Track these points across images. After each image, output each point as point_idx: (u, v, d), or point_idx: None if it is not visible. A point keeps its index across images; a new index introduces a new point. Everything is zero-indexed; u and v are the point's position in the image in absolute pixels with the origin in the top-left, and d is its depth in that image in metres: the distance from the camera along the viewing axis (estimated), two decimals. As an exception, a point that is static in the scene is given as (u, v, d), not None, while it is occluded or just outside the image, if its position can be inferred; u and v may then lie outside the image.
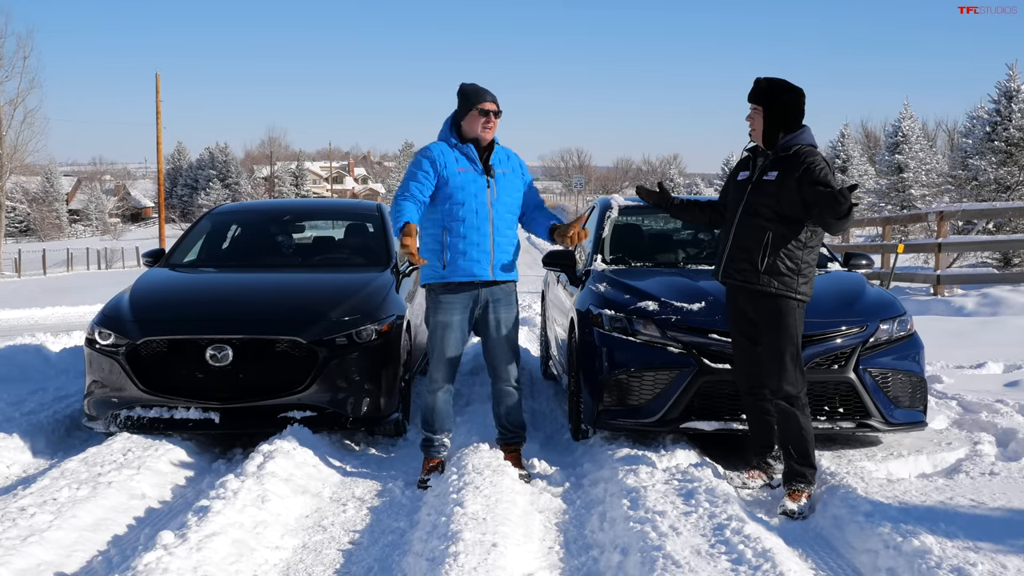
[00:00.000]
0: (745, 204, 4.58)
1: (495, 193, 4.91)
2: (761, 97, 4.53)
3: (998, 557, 3.60)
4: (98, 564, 3.83)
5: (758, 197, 4.52)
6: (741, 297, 4.62)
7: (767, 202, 4.47)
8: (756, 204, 4.52)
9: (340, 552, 4.04)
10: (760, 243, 4.48)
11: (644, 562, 3.55)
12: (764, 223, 4.48)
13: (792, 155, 4.46)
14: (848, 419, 5.08)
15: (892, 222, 18.43)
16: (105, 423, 5.56)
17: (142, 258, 7.59)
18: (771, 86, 4.53)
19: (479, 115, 4.90)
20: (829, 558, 3.86)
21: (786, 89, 4.53)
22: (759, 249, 4.48)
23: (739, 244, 4.57)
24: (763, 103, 4.52)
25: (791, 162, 4.44)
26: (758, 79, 4.58)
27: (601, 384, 5.19)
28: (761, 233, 4.48)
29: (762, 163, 4.58)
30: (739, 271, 4.56)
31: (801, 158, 4.43)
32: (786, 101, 4.51)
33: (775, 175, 4.47)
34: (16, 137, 43.49)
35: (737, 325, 4.71)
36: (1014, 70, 23.50)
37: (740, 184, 4.68)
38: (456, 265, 4.87)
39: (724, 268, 4.65)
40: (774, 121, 4.51)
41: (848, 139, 40.63)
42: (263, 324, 5.57)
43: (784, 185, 4.41)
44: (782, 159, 4.49)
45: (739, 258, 4.56)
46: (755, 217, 4.51)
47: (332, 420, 5.51)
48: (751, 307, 4.57)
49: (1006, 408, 6.08)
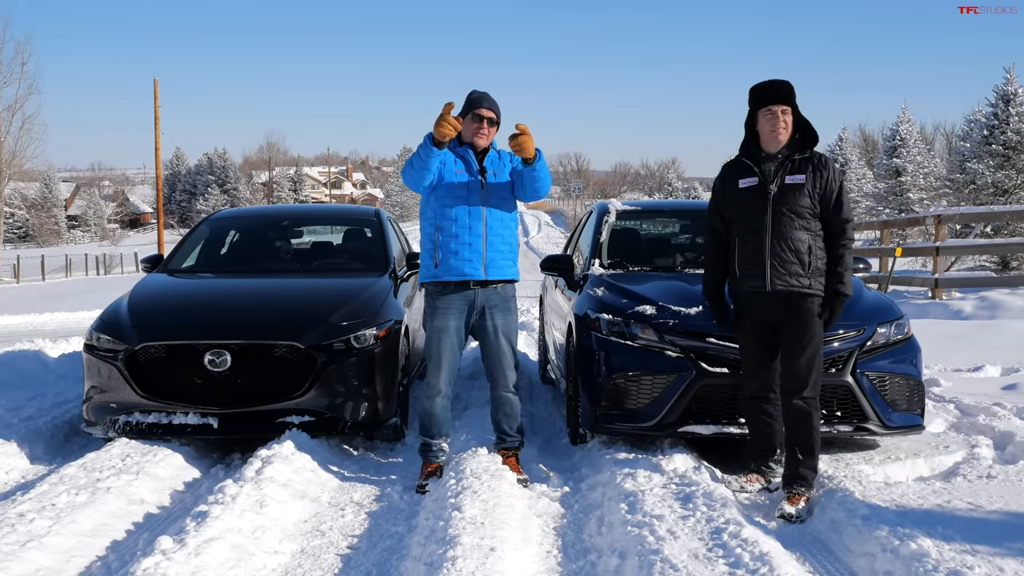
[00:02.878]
0: (774, 210, 4.54)
1: (488, 194, 4.95)
2: (792, 98, 4.58)
3: (995, 560, 3.61)
4: (97, 569, 3.83)
5: (790, 201, 4.52)
6: (771, 303, 4.57)
7: (803, 203, 4.52)
8: (791, 207, 4.52)
9: (338, 557, 4.04)
10: (806, 244, 4.52)
11: (642, 566, 3.56)
12: (804, 223, 4.53)
13: (810, 156, 4.57)
14: (846, 422, 5.08)
15: (890, 226, 18.45)
16: (104, 428, 5.56)
17: (141, 263, 7.60)
18: (790, 89, 4.59)
19: (472, 120, 4.95)
20: (827, 561, 3.86)
21: (793, 90, 4.61)
22: (806, 251, 4.52)
23: (785, 248, 4.52)
24: (794, 104, 4.58)
25: (816, 163, 4.55)
26: (777, 81, 4.60)
27: (599, 388, 5.20)
28: (804, 234, 4.52)
29: (776, 167, 4.57)
30: (792, 275, 4.53)
31: (822, 159, 4.56)
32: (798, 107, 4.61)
33: (802, 178, 4.52)
34: (15, 143, 43.48)
35: (752, 331, 4.68)
36: (1012, 73, 23.54)
37: (751, 192, 4.60)
38: (448, 264, 4.90)
39: (771, 277, 4.55)
40: (798, 122, 4.60)
41: (846, 143, 40.70)
42: (261, 329, 5.57)
43: (815, 186, 4.52)
44: (803, 161, 4.56)
45: (788, 261, 4.53)
46: (794, 219, 4.52)
47: (330, 425, 5.52)
48: (781, 310, 4.56)
49: (1004, 411, 6.09)
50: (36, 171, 66.10)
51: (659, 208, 8.23)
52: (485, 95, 4.99)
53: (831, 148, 39.92)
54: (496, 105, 5.00)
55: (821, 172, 4.54)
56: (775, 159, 4.59)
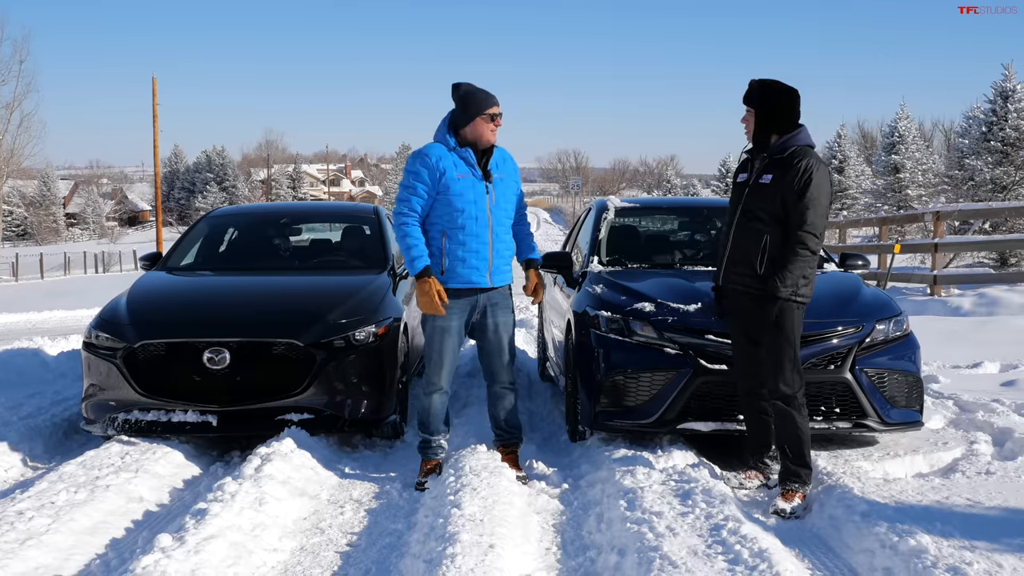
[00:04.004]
0: (743, 208, 4.58)
1: (494, 199, 4.88)
2: (753, 99, 4.55)
3: (994, 556, 3.61)
4: (96, 567, 3.83)
5: (754, 200, 4.53)
6: (743, 299, 4.61)
7: (763, 205, 4.48)
8: (753, 207, 4.53)
9: (338, 554, 4.04)
10: (758, 247, 4.48)
11: (641, 563, 3.56)
12: (761, 226, 4.48)
13: (787, 156, 4.47)
14: (845, 419, 5.08)
15: (889, 222, 18.45)
16: (103, 426, 5.56)
17: (139, 261, 7.59)
18: (763, 88, 4.54)
19: (488, 120, 4.84)
20: (826, 558, 3.86)
21: (779, 91, 4.53)
22: (757, 253, 4.48)
23: (738, 248, 4.58)
24: (755, 105, 4.54)
25: (786, 164, 4.45)
26: (752, 81, 4.59)
27: (598, 385, 5.20)
28: (759, 237, 4.48)
29: (758, 166, 4.58)
30: (739, 275, 4.57)
31: (795, 161, 4.43)
32: (778, 103, 4.51)
33: (770, 178, 4.47)
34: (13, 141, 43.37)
35: (739, 326, 4.70)
36: (1010, 70, 23.56)
37: (739, 187, 4.68)
38: (455, 272, 4.86)
39: (724, 273, 4.67)
40: (765, 123, 4.52)
41: (845, 139, 40.71)
42: (260, 327, 5.57)
43: (780, 188, 4.42)
44: (777, 161, 4.49)
45: (738, 261, 4.57)
46: (753, 220, 4.52)
47: (330, 422, 5.52)
48: (753, 309, 4.58)
49: (1002, 408, 6.09)
50: (34, 169, 66.09)
51: (658, 205, 8.24)
52: (487, 91, 4.90)
53: (829, 145, 39.93)
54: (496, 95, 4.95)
55: (785, 174, 4.41)
56: (762, 157, 4.59)
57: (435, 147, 4.88)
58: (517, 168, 5.15)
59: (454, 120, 4.92)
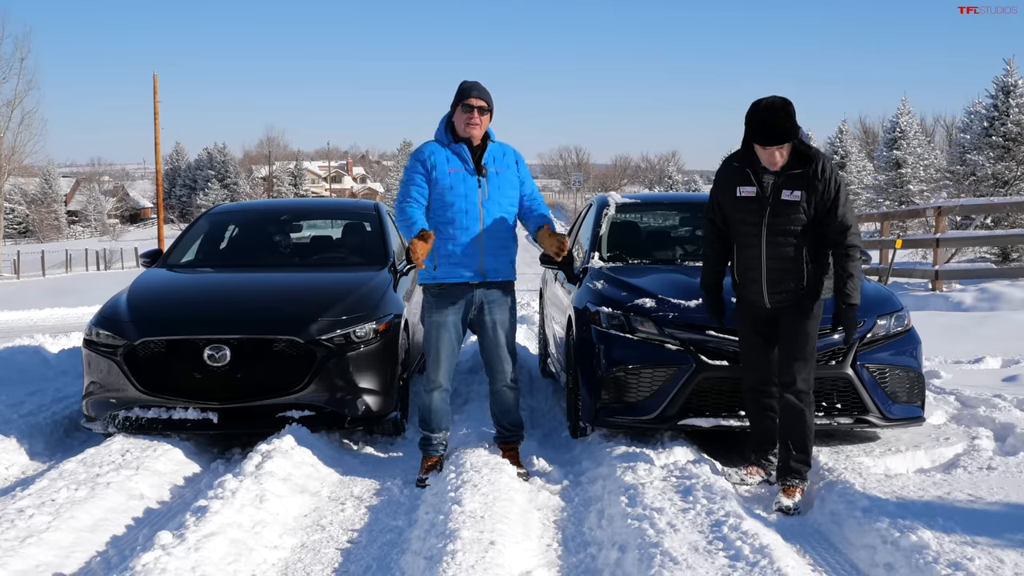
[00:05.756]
0: (769, 227, 4.47)
1: (487, 193, 4.87)
2: (790, 132, 4.32)
3: (996, 552, 3.60)
4: (96, 565, 3.83)
5: (782, 218, 4.43)
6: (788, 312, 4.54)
7: (798, 219, 4.41)
8: (784, 225, 4.44)
9: (338, 551, 4.04)
10: (799, 262, 4.47)
11: (642, 559, 3.56)
12: (795, 241, 4.44)
13: (807, 170, 4.38)
14: (846, 415, 5.08)
15: (890, 217, 18.41)
16: (103, 424, 5.56)
17: (140, 259, 7.58)
18: (789, 117, 4.31)
19: (463, 111, 4.86)
20: (827, 553, 3.86)
21: (792, 113, 4.35)
22: (800, 269, 4.47)
23: (779, 268, 4.49)
24: (792, 136, 4.35)
25: (808, 178, 4.38)
26: (770, 122, 4.30)
27: (599, 381, 5.19)
28: (797, 252, 4.45)
29: (773, 181, 4.45)
30: (787, 291, 4.51)
31: (817, 171, 4.36)
32: (797, 124, 4.36)
33: (799, 195, 4.39)
34: (14, 139, 43.51)
35: (753, 325, 4.67)
36: (1012, 65, 23.52)
37: (747, 202, 4.52)
38: (445, 267, 4.87)
39: (769, 294, 4.53)
40: (794, 147, 4.42)
41: (846, 135, 40.70)
42: (261, 324, 5.57)
43: (810, 203, 4.39)
44: (797, 177, 4.40)
45: (777, 280, 4.50)
46: (787, 237, 4.45)
47: (330, 419, 5.51)
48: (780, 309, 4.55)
49: (1004, 403, 6.08)
50: (36, 167, 66.15)
51: (659, 201, 8.20)
52: (475, 84, 4.91)
53: (831, 140, 39.90)
54: (487, 93, 4.91)
55: (816, 185, 4.38)
56: (773, 173, 4.47)
57: (430, 144, 4.98)
58: (522, 160, 5.12)
59: (450, 116, 4.99)
